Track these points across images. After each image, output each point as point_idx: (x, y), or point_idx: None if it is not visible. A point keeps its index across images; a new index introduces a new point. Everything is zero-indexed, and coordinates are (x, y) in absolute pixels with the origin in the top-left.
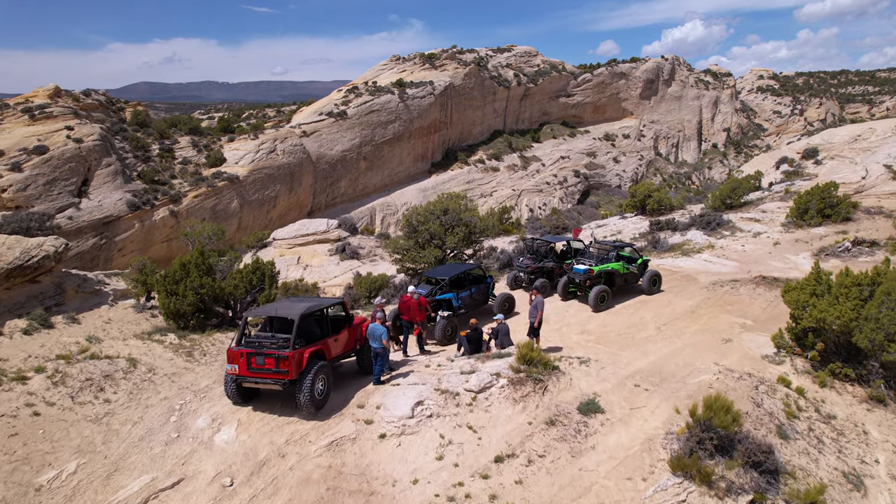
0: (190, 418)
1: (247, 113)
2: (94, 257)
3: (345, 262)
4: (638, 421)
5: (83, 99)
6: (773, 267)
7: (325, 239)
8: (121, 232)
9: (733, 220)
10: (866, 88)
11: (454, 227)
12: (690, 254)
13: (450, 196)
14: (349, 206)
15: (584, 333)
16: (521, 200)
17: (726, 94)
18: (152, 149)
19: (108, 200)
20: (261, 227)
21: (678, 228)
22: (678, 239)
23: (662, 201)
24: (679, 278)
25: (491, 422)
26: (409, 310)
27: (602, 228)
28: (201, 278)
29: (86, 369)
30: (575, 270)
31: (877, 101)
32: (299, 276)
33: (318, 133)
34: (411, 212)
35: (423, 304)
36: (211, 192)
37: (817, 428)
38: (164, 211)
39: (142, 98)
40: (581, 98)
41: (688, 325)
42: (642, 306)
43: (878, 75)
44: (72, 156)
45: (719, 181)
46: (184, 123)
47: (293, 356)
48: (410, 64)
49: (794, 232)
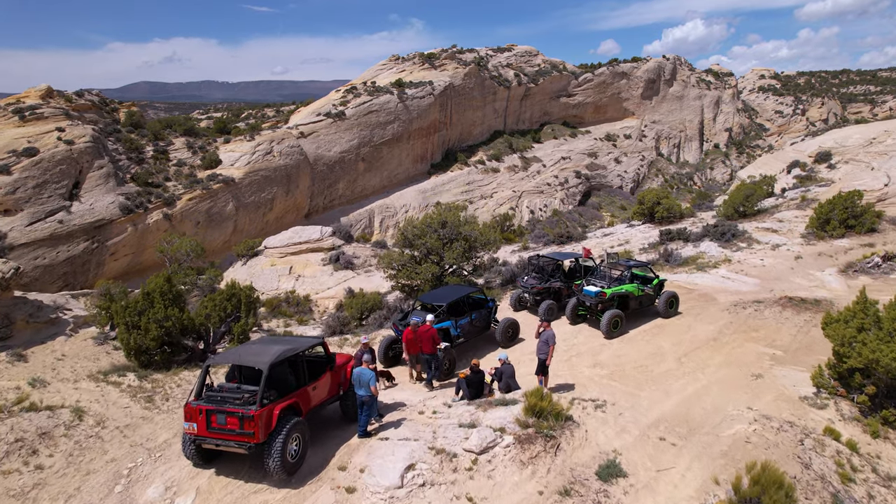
0: (139, 487)
1: (246, 113)
2: (85, 262)
3: (339, 272)
4: (667, 487)
5: (76, 100)
6: (797, 285)
7: (319, 248)
8: (113, 236)
9: (749, 230)
10: (868, 88)
11: (453, 240)
12: (706, 269)
13: (448, 207)
14: (347, 209)
15: (596, 366)
16: (521, 202)
17: (728, 94)
18: (146, 150)
19: (99, 203)
20: (257, 230)
21: (690, 239)
22: (691, 251)
23: (672, 209)
24: (696, 298)
25: (495, 491)
26: (415, 342)
27: (608, 237)
28: (166, 309)
29: (18, 426)
30: (585, 293)
31: (879, 101)
32: (291, 287)
33: (315, 134)
34: (407, 224)
35: (434, 335)
36: (206, 195)
37: (878, 494)
38: (157, 214)
39: (141, 98)
40: (582, 98)
41: (711, 355)
42: (659, 332)
43: (879, 75)
44: (63, 158)
45: (721, 182)
46: (179, 124)
47: (260, 415)
48: (410, 64)
49: (815, 244)
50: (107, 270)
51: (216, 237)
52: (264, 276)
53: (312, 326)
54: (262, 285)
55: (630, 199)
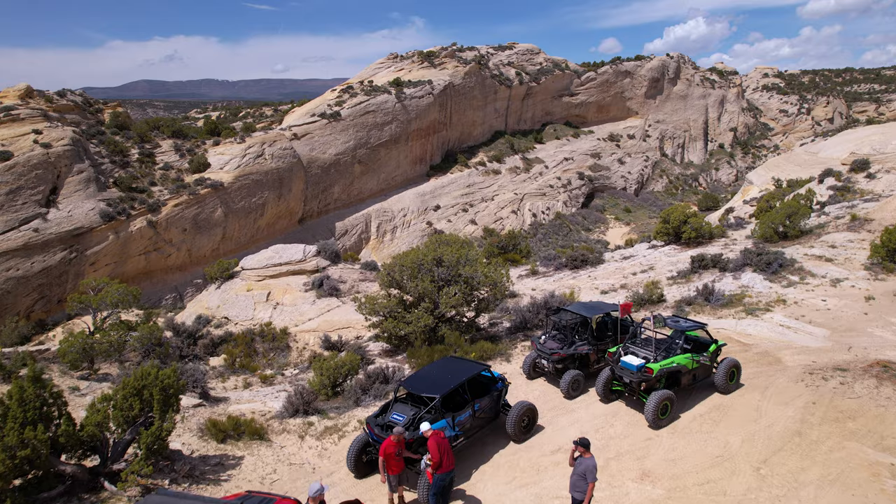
0: None
1: (244, 112)
2: (62, 273)
3: (322, 300)
4: None
5: (57, 100)
6: (880, 340)
7: (301, 270)
8: (93, 245)
9: (797, 258)
10: (872, 87)
11: (450, 282)
12: (757, 313)
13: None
14: (343, 213)
15: (645, 478)
16: (523, 205)
17: (732, 93)
18: (131, 153)
19: (78, 210)
20: (247, 237)
21: (728, 268)
22: (733, 286)
23: (702, 229)
24: (755, 358)
25: None
26: (396, 457)
27: (629, 261)
28: (23, 431)
29: None
30: (624, 366)
31: (884, 100)
32: (268, 318)
33: (309, 135)
34: (395, 261)
35: (401, 447)
36: (193, 201)
37: None
38: (141, 221)
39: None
40: (585, 97)
41: (801, 464)
42: (721, 418)
43: (883, 73)
44: (39, 162)
45: (727, 183)
46: (166, 126)
47: None
48: (408, 62)
49: (885, 279)
50: (85, 282)
51: (204, 244)
52: (239, 304)
53: (276, 390)
54: (235, 314)
55: (634, 200)
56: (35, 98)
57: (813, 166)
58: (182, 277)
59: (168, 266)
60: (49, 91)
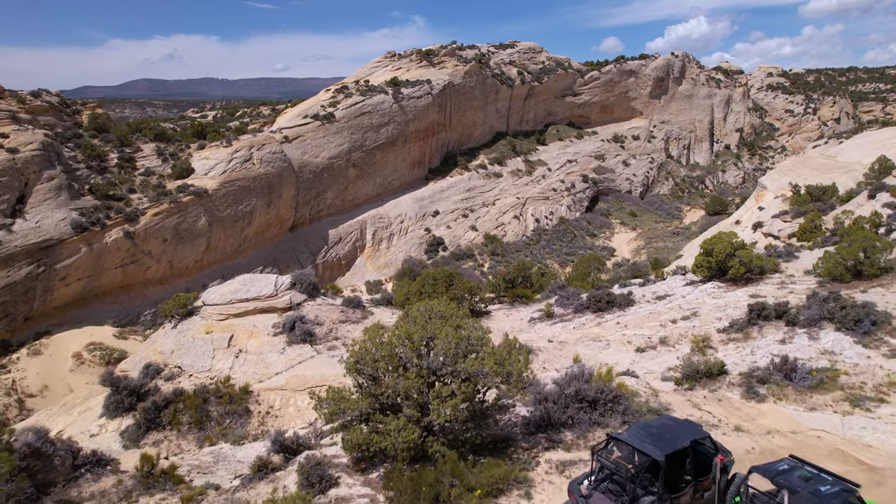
0: None
1: (241, 111)
2: (28, 289)
3: (293, 347)
4: None
5: (30, 101)
6: None
7: (271, 307)
8: (63, 258)
9: (889, 309)
10: (877, 86)
11: (445, 377)
12: (865, 404)
13: (439, 313)
14: (337, 220)
15: None
16: (526, 209)
17: (738, 93)
18: (110, 158)
19: (48, 221)
20: (234, 247)
21: (797, 322)
22: (810, 350)
23: (752, 263)
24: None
25: None
26: None
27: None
28: None
29: None
30: None
31: (890, 100)
32: (227, 369)
33: (301, 138)
34: (363, 347)
35: None
36: (174, 209)
37: None
38: (117, 232)
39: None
40: (588, 97)
41: None
42: None
43: (887, 72)
44: (4, 168)
45: (734, 185)
46: (148, 128)
47: None
48: (406, 61)
49: None
50: (57, 297)
51: (186, 256)
52: (195, 350)
53: None
54: (191, 363)
55: (640, 204)
56: (6, 98)
57: (832, 171)
58: (163, 291)
59: (147, 279)
60: (23, 91)
